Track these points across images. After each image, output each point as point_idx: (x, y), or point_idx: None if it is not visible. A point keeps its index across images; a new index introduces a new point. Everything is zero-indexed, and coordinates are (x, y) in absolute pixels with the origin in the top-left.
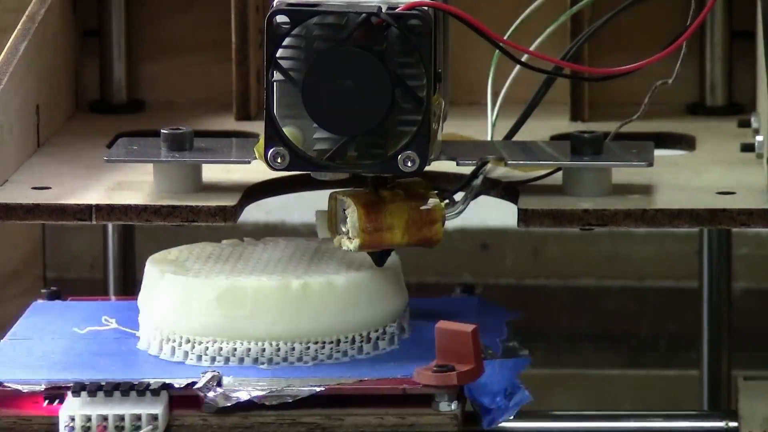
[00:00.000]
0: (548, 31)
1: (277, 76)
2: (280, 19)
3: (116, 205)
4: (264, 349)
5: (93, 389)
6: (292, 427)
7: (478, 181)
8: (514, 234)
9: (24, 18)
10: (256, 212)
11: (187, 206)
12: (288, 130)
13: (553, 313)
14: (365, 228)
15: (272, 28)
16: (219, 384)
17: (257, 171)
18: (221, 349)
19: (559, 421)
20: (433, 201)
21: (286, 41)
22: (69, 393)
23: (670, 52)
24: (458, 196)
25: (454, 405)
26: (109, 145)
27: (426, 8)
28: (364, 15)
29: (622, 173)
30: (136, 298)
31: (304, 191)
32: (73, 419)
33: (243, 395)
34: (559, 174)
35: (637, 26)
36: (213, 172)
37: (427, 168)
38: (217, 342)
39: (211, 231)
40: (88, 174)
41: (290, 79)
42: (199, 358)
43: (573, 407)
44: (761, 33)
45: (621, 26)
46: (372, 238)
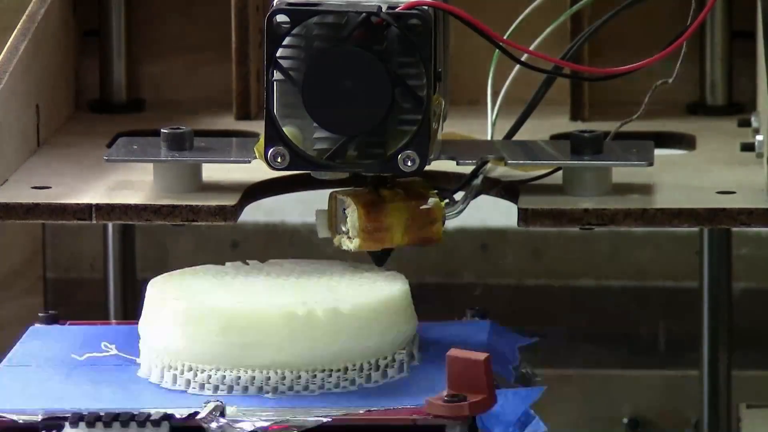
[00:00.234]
0: (548, 30)
1: (277, 75)
2: (280, 18)
3: (116, 204)
4: (269, 378)
5: (92, 420)
6: None
7: (478, 181)
8: (514, 234)
9: (24, 18)
10: (256, 212)
11: (187, 206)
12: (288, 130)
13: (553, 313)
14: (365, 227)
15: (272, 27)
16: (222, 414)
17: (257, 170)
18: (224, 377)
19: None
20: (433, 200)
21: (286, 41)
22: (67, 424)
23: (670, 51)
24: (458, 195)
25: None
26: (109, 145)
27: (426, 8)
28: (364, 14)
29: (622, 173)
30: (136, 323)
31: (304, 191)
32: None
33: (247, 426)
34: (559, 174)
35: (637, 26)
36: (213, 172)
37: (427, 167)
38: (220, 370)
39: (212, 230)
40: (88, 173)
41: (290, 78)
42: (202, 386)
43: (573, 407)
44: (761, 33)
45: (621, 26)
46: (372, 237)
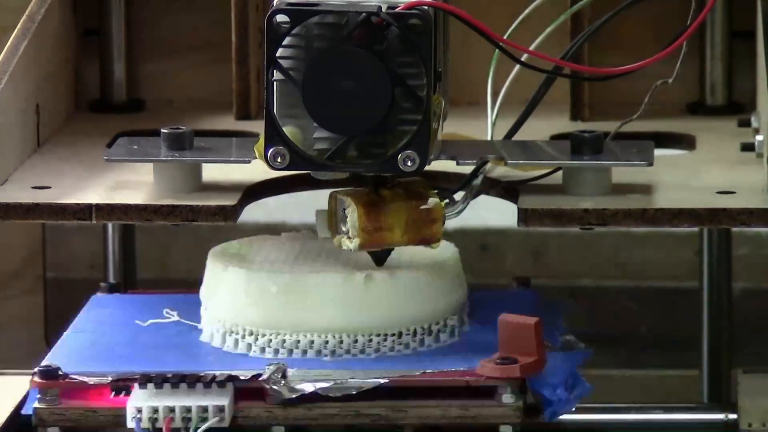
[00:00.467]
0: (548, 30)
1: (277, 75)
2: (281, 18)
3: (116, 204)
4: (327, 341)
5: (159, 381)
6: (356, 419)
7: (478, 181)
8: (514, 234)
9: (24, 17)
10: (256, 212)
11: (187, 206)
12: (288, 130)
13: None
14: (365, 227)
15: (272, 27)
16: (284, 376)
17: (257, 170)
18: (284, 341)
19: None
20: (433, 200)
21: (286, 41)
22: (136, 385)
23: (670, 51)
24: (458, 195)
25: (516, 397)
26: (109, 145)
27: (426, 7)
28: (364, 14)
29: (622, 173)
30: (195, 292)
31: (304, 191)
32: (140, 411)
33: (308, 387)
34: (559, 173)
35: (637, 26)
36: (213, 172)
37: (427, 167)
38: (280, 334)
39: (212, 230)
40: (88, 173)
41: (290, 78)
42: (263, 350)
43: None
44: (761, 33)
45: (621, 26)
46: (372, 237)
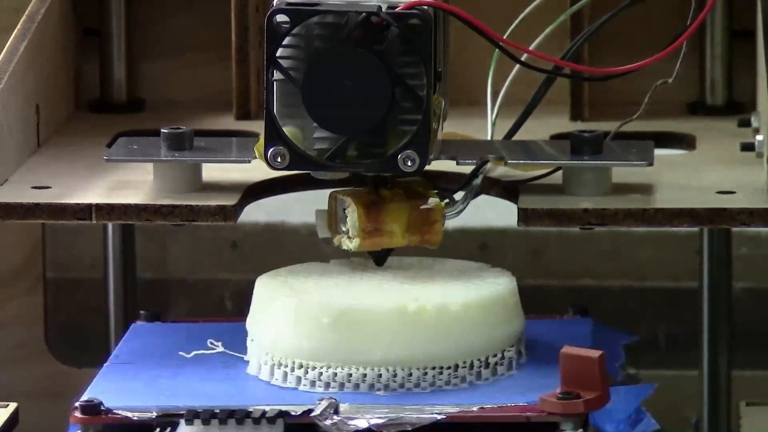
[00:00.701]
0: (548, 30)
1: (277, 75)
2: (280, 18)
3: (116, 204)
4: (380, 375)
5: (207, 417)
6: None
7: (478, 181)
8: (514, 234)
9: (24, 18)
10: (256, 212)
11: (187, 206)
12: (288, 130)
13: (553, 314)
14: (365, 227)
15: (272, 27)
16: (336, 411)
17: (257, 170)
18: (336, 374)
19: None
20: (433, 200)
21: (286, 40)
22: (182, 421)
23: (670, 51)
24: (458, 195)
25: None
26: (109, 145)
27: (426, 7)
28: (364, 14)
29: (622, 173)
30: (237, 320)
31: (304, 191)
32: None
33: (361, 423)
34: (559, 173)
35: (637, 26)
36: (213, 172)
37: (427, 167)
38: (331, 367)
39: (212, 230)
40: (88, 173)
41: (290, 78)
42: (313, 383)
43: None
44: (761, 32)
45: (621, 26)
46: (372, 237)
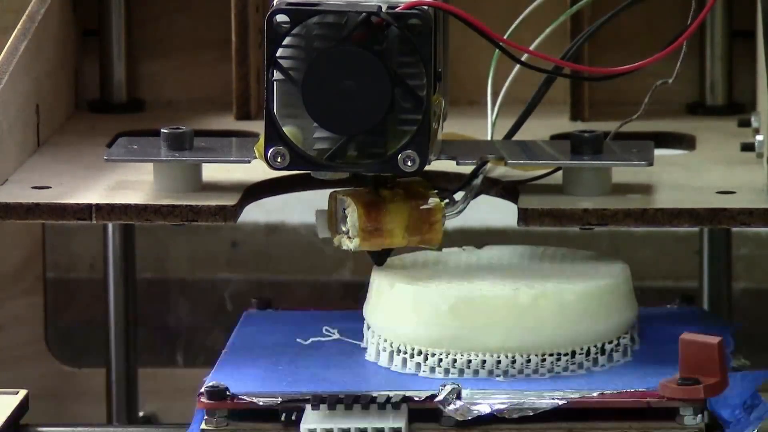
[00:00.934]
0: (548, 30)
1: (277, 75)
2: (280, 18)
3: (116, 204)
4: (499, 361)
5: (333, 402)
6: None
7: (478, 181)
8: (514, 234)
9: (24, 18)
10: (256, 212)
11: (187, 205)
12: (288, 130)
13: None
14: (365, 227)
15: (272, 27)
16: (459, 397)
17: (257, 170)
18: (455, 360)
19: None
20: (433, 200)
21: (286, 41)
22: (308, 406)
23: (671, 51)
24: (458, 195)
25: (699, 418)
26: (109, 145)
27: (426, 7)
28: (364, 14)
29: (622, 173)
30: (348, 308)
31: (304, 191)
32: None
33: (484, 408)
34: (559, 173)
35: (637, 26)
36: (213, 172)
37: (427, 167)
38: (450, 354)
39: (212, 230)
40: (88, 173)
41: (290, 78)
42: (432, 370)
43: None
44: (761, 32)
45: (621, 26)
46: (372, 237)
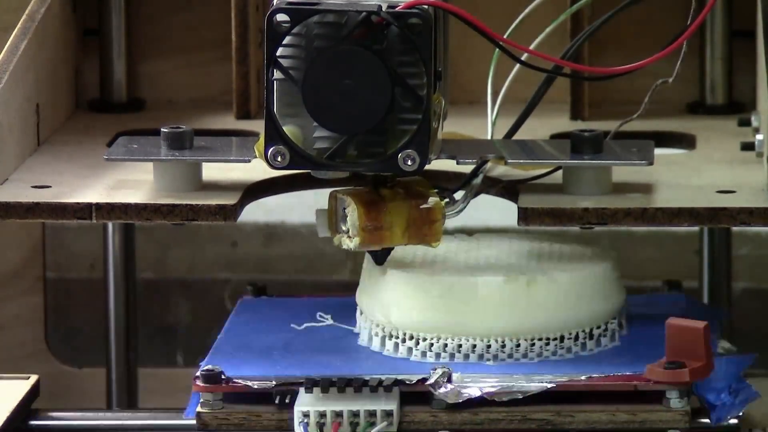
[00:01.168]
0: (548, 29)
1: (277, 74)
2: (281, 17)
3: (116, 203)
4: (489, 345)
5: (326, 385)
6: (522, 424)
7: (478, 180)
8: (517, 233)
9: (24, 17)
10: (256, 211)
11: (187, 205)
12: (288, 129)
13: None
14: (365, 227)
15: (272, 26)
16: (449, 380)
17: (257, 170)
18: (446, 345)
19: None
20: (433, 200)
21: (287, 40)
22: (301, 389)
23: (671, 51)
24: (458, 195)
25: (685, 402)
26: (109, 144)
27: (426, 7)
28: (364, 13)
29: (623, 172)
30: (341, 295)
31: (305, 190)
32: (307, 416)
33: (474, 391)
34: (559, 173)
35: (638, 25)
36: (213, 171)
37: (427, 167)
38: (441, 338)
39: (212, 229)
40: (88, 173)
41: (290, 77)
42: (424, 354)
43: None
44: (761, 32)
45: (621, 25)
46: (372, 236)
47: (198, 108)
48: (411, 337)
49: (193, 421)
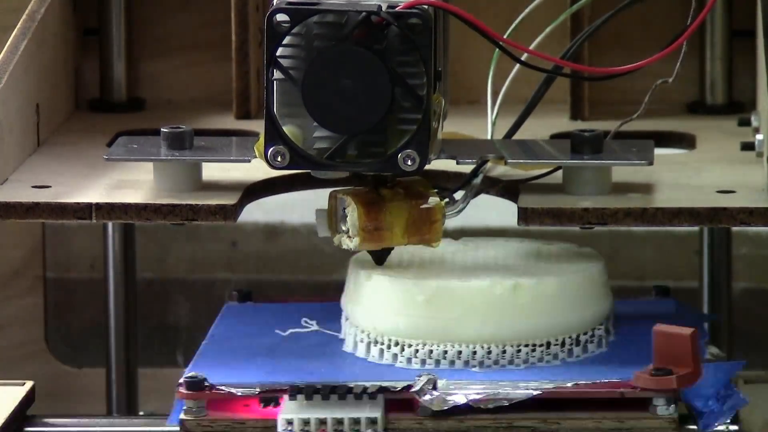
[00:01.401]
0: (548, 29)
1: (277, 74)
2: (281, 17)
3: (116, 203)
4: (475, 352)
5: (310, 392)
6: (508, 431)
7: (478, 180)
8: (514, 233)
9: (24, 17)
10: (255, 211)
11: (187, 205)
12: (288, 129)
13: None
14: (365, 227)
15: (272, 26)
16: (435, 387)
17: (257, 169)
18: (432, 351)
19: None
20: (433, 200)
21: (287, 40)
22: (285, 396)
23: (671, 51)
24: (458, 195)
25: (672, 409)
26: (109, 144)
27: (426, 7)
28: (364, 13)
29: (622, 172)
30: (327, 300)
31: (304, 190)
32: (291, 423)
33: (459, 398)
34: (559, 173)
35: (638, 25)
36: (213, 171)
37: (427, 167)
38: (427, 344)
39: (211, 229)
40: (88, 173)
41: (290, 77)
42: (409, 360)
43: None
44: (761, 32)
45: (621, 25)
46: (372, 236)
47: (198, 108)
48: (396, 344)
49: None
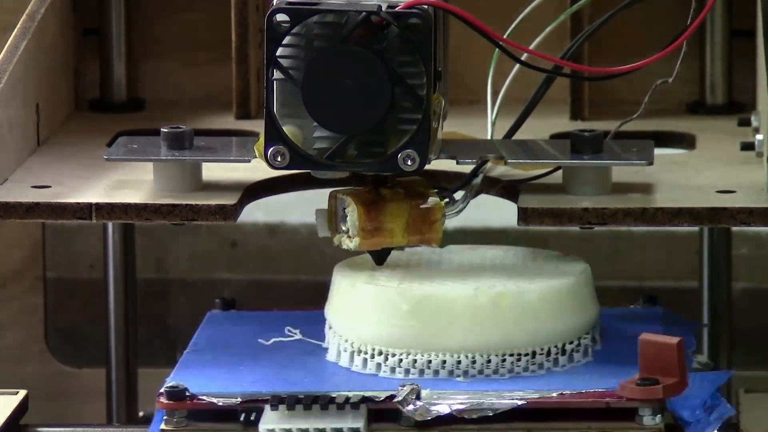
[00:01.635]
0: (548, 29)
1: (277, 74)
2: (281, 17)
3: (116, 203)
4: (459, 361)
5: (292, 403)
6: None
7: (478, 180)
8: (514, 233)
9: (24, 17)
10: (255, 211)
11: (187, 205)
12: (288, 129)
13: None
14: (365, 227)
15: (272, 26)
16: (418, 397)
17: (257, 170)
18: (415, 361)
19: None
20: (433, 200)
21: (286, 40)
22: (267, 407)
23: (671, 51)
24: (458, 195)
25: (658, 419)
26: (109, 144)
27: (426, 7)
28: (364, 13)
29: (622, 172)
30: (311, 308)
31: (304, 190)
32: None
33: (443, 408)
34: (559, 173)
35: (638, 25)
36: (213, 171)
37: (427, 167)
38: (411, 354)
39: (211, 229)
40: (88, 173)
41: (290, 77)
42: (393, 370)
43: None
44: (761, 32)
45: (621, 25)
46: (372, 236)
47: (198, 108)
48: (380, 353)
49: None
